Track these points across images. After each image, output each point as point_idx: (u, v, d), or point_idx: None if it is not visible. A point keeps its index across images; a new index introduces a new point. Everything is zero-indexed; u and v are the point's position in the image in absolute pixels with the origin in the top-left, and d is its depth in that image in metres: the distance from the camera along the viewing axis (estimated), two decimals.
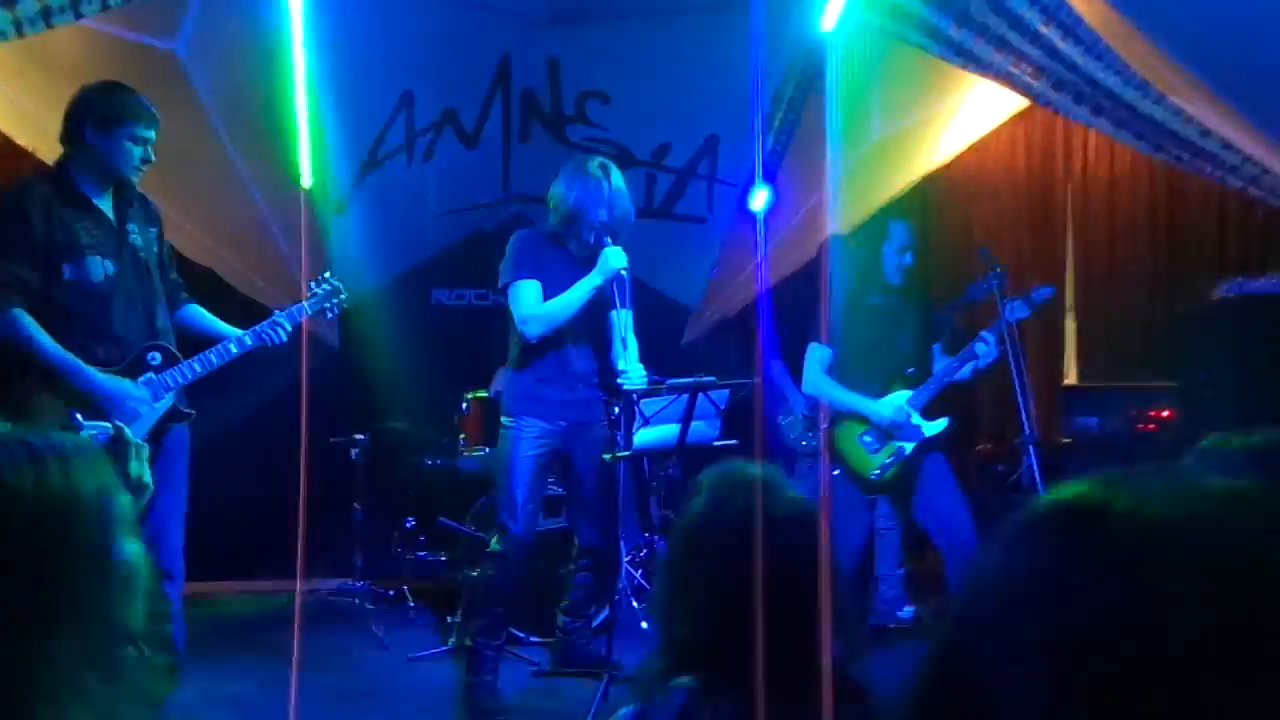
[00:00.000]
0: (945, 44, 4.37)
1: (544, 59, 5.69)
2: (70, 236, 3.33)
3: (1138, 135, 4.10)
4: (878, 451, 4.30)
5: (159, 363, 3.45)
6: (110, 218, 3.44)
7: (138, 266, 3.48)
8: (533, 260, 3.80)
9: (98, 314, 3.36)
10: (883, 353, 4.29)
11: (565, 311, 3.72)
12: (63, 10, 3.53)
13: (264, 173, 5.05)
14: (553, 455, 3.93)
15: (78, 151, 3.41)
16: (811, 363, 4.39)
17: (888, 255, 4.31)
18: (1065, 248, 6.08)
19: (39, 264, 3.29)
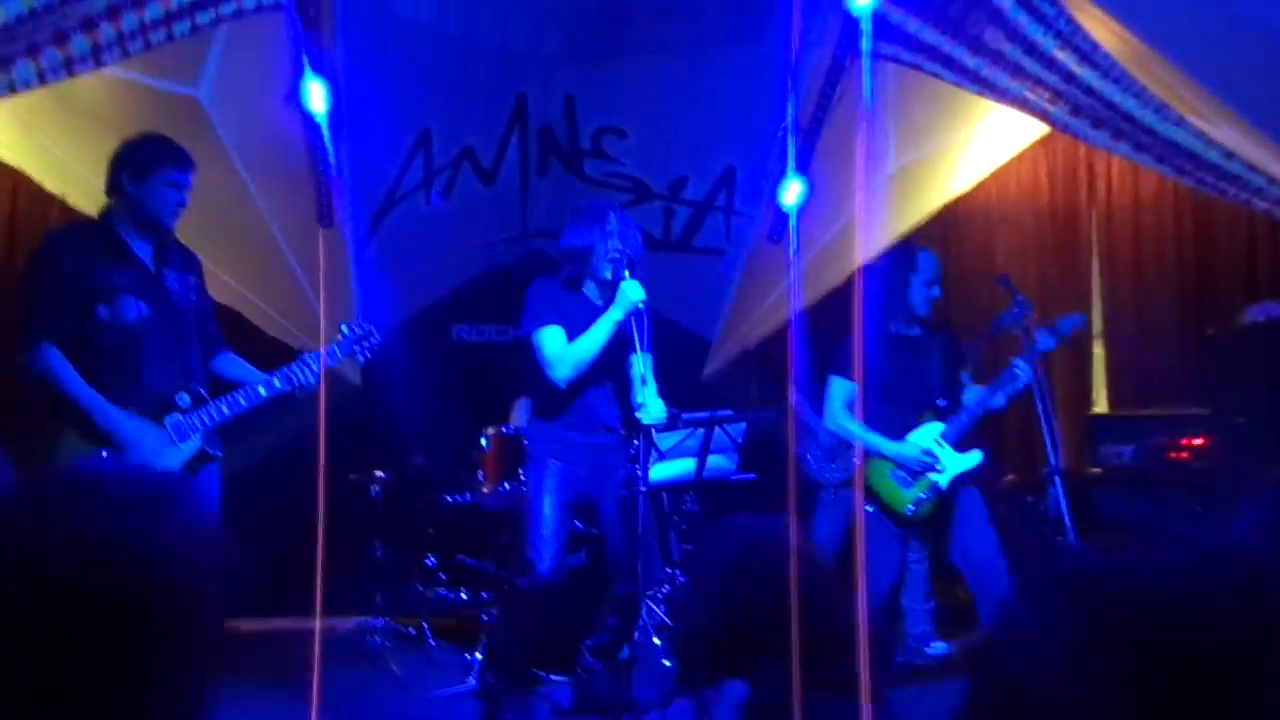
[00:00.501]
0: (960, 71, 4.35)
1: (560, 96, 5.74)
2: (106, 280, 3.41)
3: (1159, 159, 4.04)
4: (911, 487, 4.20)
5: (187, 405, 3.49)
6: (148, 264, 3.53)
7: (172, 311, 3.54)
8: (552, 307, 3.82)
9: (129, 355, 3.42)
10: (912, 385, 4.21)
11: (590, 350, 3.72)
12: (84, 59, 3.61)
13: (286, 214, 5.11)
14: (578, 498, 3.91)
15: (118, 201, 3.51)
16: (833, 398, 4.31)
17: (915, 286, 4.25)
18: (1091, 274, 5.99)
19: (74, 306, 3.36)
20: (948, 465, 4.16)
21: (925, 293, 4.26)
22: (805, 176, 5.26)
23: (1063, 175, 6.06)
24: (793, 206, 5.37)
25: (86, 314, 3.36)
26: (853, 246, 5.33)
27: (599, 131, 5.80)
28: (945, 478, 4.14)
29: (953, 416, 4.19)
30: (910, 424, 4.19)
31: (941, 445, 4.17)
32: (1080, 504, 5.03)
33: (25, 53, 3.46)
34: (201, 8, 3.88)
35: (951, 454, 4.16)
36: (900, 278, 4.27)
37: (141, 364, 3.43)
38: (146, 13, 3.71)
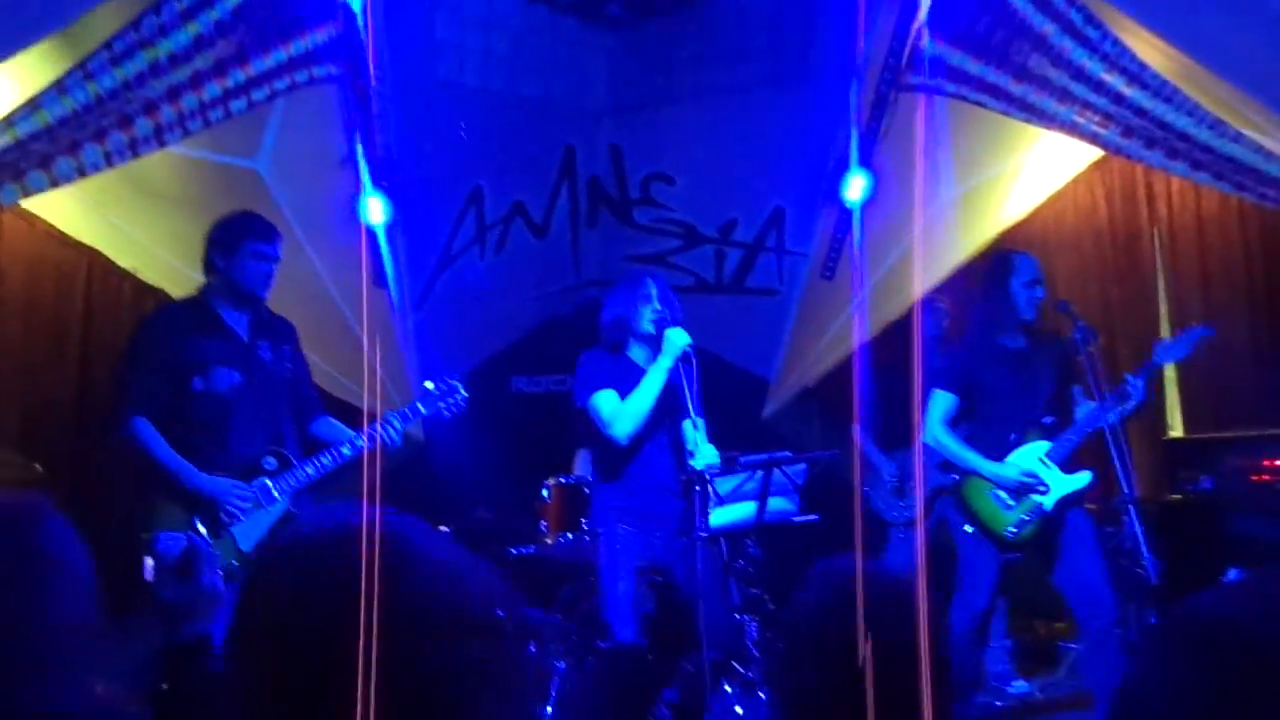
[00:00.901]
0: (1006, 99, 4.34)
1: (607, 146, 5.82)
2: (201, 353, 3.56)
3: (1217, 175, 3.96)
4: (1013, 508, 3.98)
5: (274, 467, 3.59)
6: (242, 335, 3.66)
7: (265, 379, 3.66)
8: (602, 373, 3.86)
9: (221, 421, 3.55)
10: (1019, 399, 4.00)
11: (645, 402, 3.72)
12: (148, 140, 3.79)
13: (344, 276, 5.23)
14: (651, 564, 3.88)
15: (212, 278, 3.66)
16: (933, 412, 4.08)
17: (1017, 290, 4.01)
18: (1157, 295, 5.84)
19: (170, 379, 3.51)
20: (1053, 486, 3.93)
21: (1028, 295, 4.01)
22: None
23: (1121, 197, 5.93)
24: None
25: (182, 386, 3.51)
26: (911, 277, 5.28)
27: (647, 179, 5.86)
28: (1050, 499, 3.92)
29: (1060, 434, 3.95)
30: (1015, 441, 3.99)
31: (1047, 465, 3.95)
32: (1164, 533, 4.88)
33: (92, 138, 3.64)
34: (257, 85, 4.05)
35: (1058, 474, 3.93)
36: (999, 285, 4.05)
37: (232, 430, 3.55)
38: (205, 93, 3.88)
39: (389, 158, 4.68)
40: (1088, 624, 3.87)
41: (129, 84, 3.64)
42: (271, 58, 4.06)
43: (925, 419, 4.11)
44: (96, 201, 4.80)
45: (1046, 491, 3.92)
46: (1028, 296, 4.01)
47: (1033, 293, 4.02)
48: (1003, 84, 4.23)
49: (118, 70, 3.60)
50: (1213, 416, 5.51)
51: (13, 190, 3.50)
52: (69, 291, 5.04)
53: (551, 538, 5.05)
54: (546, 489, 5.13)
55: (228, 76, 3.91)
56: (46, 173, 3.55)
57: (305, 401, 3.84)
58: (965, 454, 4.01)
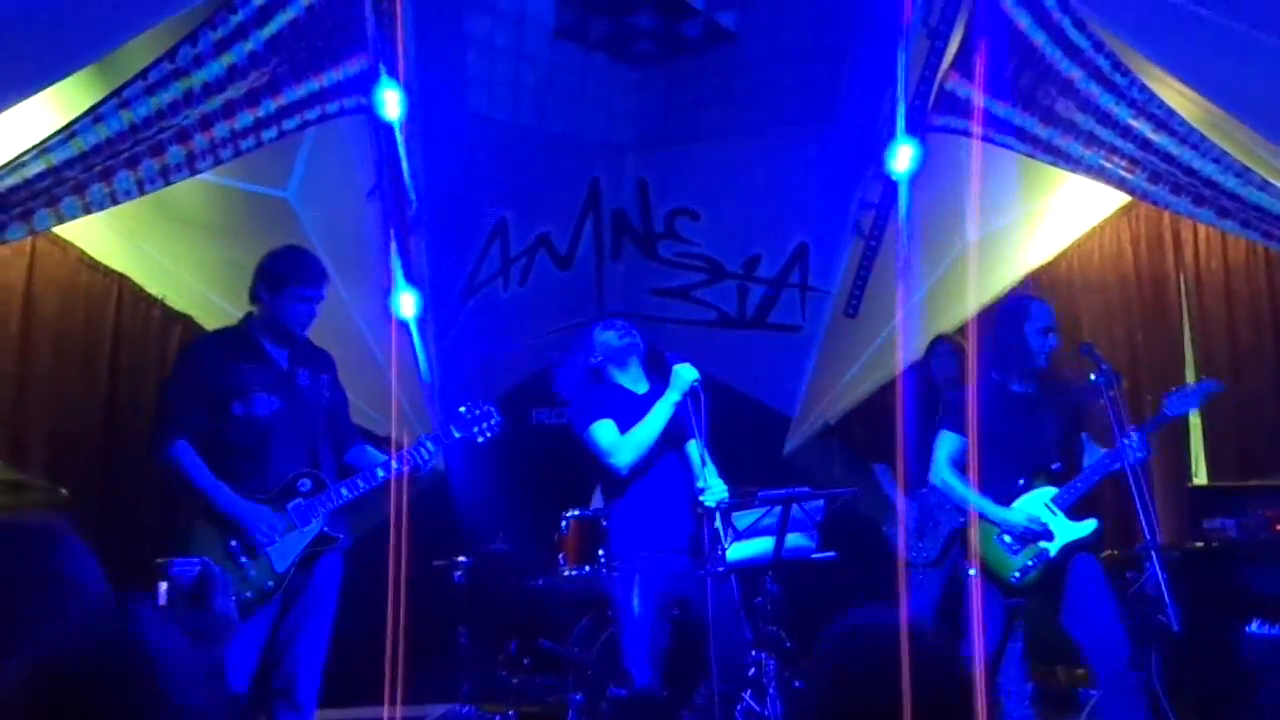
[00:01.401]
0: (1032, 142, 4.34)
1: (633, 180, 5.87)
2: (242, 379, 3.64)
3: (1244, 224, 3.93)
4: (1018, 553, 3.96)
5: (309, 489, 3.64)
6: (282, 364, 3.74)
7: (302, 406, 3.73)
8: (595, 402, 3.91)
9: (259, 445, 3.61)
10: (1024, 445, 3.98)
11: (649, 435, 3.74)
12: (179, 168, 3.83)
13: (369, 306, 5.27)
14: (670, 599, 3.86)
15: (256, 309, 3.75)
16: (940, 454, 4.09)
17: (1030, 336, 4.00)
18: (1183, 341, 5.79)
19: (210, 404, 3.59)
20: (1058, 533, 3.92)
21: (1041, 342, 4.00)
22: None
23: (1147, 242, 5.90)
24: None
25: (222, 411, 3.59)
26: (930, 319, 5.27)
27: (672, 213, 5.90)
28: (1055, 546, 3.91)
29: (1067, 481, 3.94)
30: (1021, 487, 3.98)
31: (1053, 511, 3.94)
32: (1187, 580, 4.81)
33: (126, 165, 3.69)
34: (288, 114, 4.10)
35: (1063, 521, 3.92)
36: (1014, 329, 4.04)
37: (270, 454, 3.62)
38: (237, 121, 3.93)
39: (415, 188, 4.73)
40: (1100, 668, 3.82)
41: (163, 112, 3.69)
42: (303, 88, 4.11)
43: (933, 461, 4.11)
44: (127, 229, 4.86)
45: (1051, 539, 3.90)
46: (1040, 343, 4.01)
47: (1045, 340, 4.02)
48: (1029, 127, 4.24)
49: (152, 99, 3.65)
50: (1237, 464, 5.44)
51: (46, 216, 3.55)
52: (99, 317, 5.09)
53: (570, 569, 5.05)
54: (565, 521, 5.14)
55: (260, 106, 3.96)
56: (80, 199, 3.59)
57: (342, 430, 3.91)
58: (971, 496, 3.99)
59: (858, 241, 5.45)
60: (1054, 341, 4.04)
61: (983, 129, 4.39)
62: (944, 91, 4.55)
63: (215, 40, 3.74)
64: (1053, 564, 3.92)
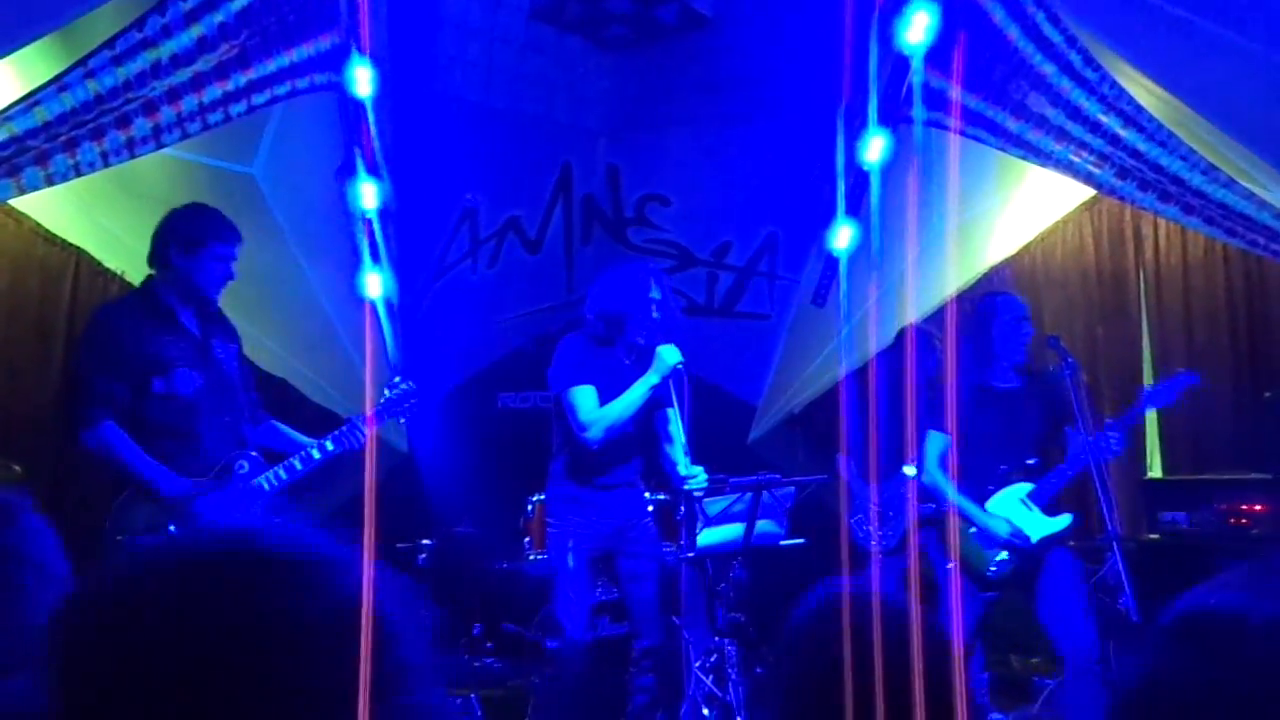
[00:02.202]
0: (1003, 136, 4.38)
1: (604, 165, 5.84)
2: (159, 350, 3.43)
3: (1208, 221, 4.01)
4: (994, 547, 4.02)
5: (248, 471, 3.50)
6: (195, 332, 3.54)
7: (222, 380, 3.56)
8: (584, 365, 3.81)
9: (187, 425, 3.43)
10: (1005, 441, 4.01)
11: (625, 414, 3.72)
12: (145, 140, 3.75)
13: (334, 285, 5.21)
14: (599, 555, 3.88)
15: (164, 271, 3.53)
16: (929, 453, 4.11)
17: (1000, 332, 4.02)
18: (1141, 336, 5.90)
19: (130, 379, 3.38)
20: (1034, 529, 3.96)
21: (1015, 333, 4.02)
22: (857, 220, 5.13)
23: (1109, 237, 6.00)
24: (844, 252, 5.24)
25: (141, 387, 3.38)
26: (898, 308, 5.31)
27: (642, 199, 5.89)
28: (1031, 541, 3.96)
29: (1043, 476, 3.98)
30: (999, 482, 4.02)
31: (1029, 506, 3.99)
32: (1139, 572, 4.90)
33: (90, 136, 3.60)
34: (258, 89, 4.03)
35: (1039, 516, 3.97)
36: (984, 328, 4.06)
37: (200, 434, 3.44)
38: (205, 95, 3.86)
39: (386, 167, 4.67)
40: (1069, 660, 3.88)
41: (129, 83, 3.61)
42: (274, 62, 4.04)
43: (924, 460, 4.14)
44: (85, 202, 4.75)
45: (1029, 545, 3.96)
46: (1015, 335, 4.03)
47: (1019, 330, 4.04)
48: (1001, 120, 4.28)
49: (119, 69, 3.57)
50: (1192, 459, 5.56)
51: (8, 186, 3.46)
52: (55, 292, 4.97)
53: (535, 553, 5.04)
54: (530, 505, 5.13)
55: (229, 80, 3.89)
56: (42, 169, 3.50)
57: (251, 403, 3.74)
58: (959, 499, 4.03)
59: (827, 230, 5.48)
60: (1028, 330, 4.05)
61: (955, 121, 4.43)
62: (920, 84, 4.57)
63: (185, 11, 3.66)
64: (1028, 558, 3.97)
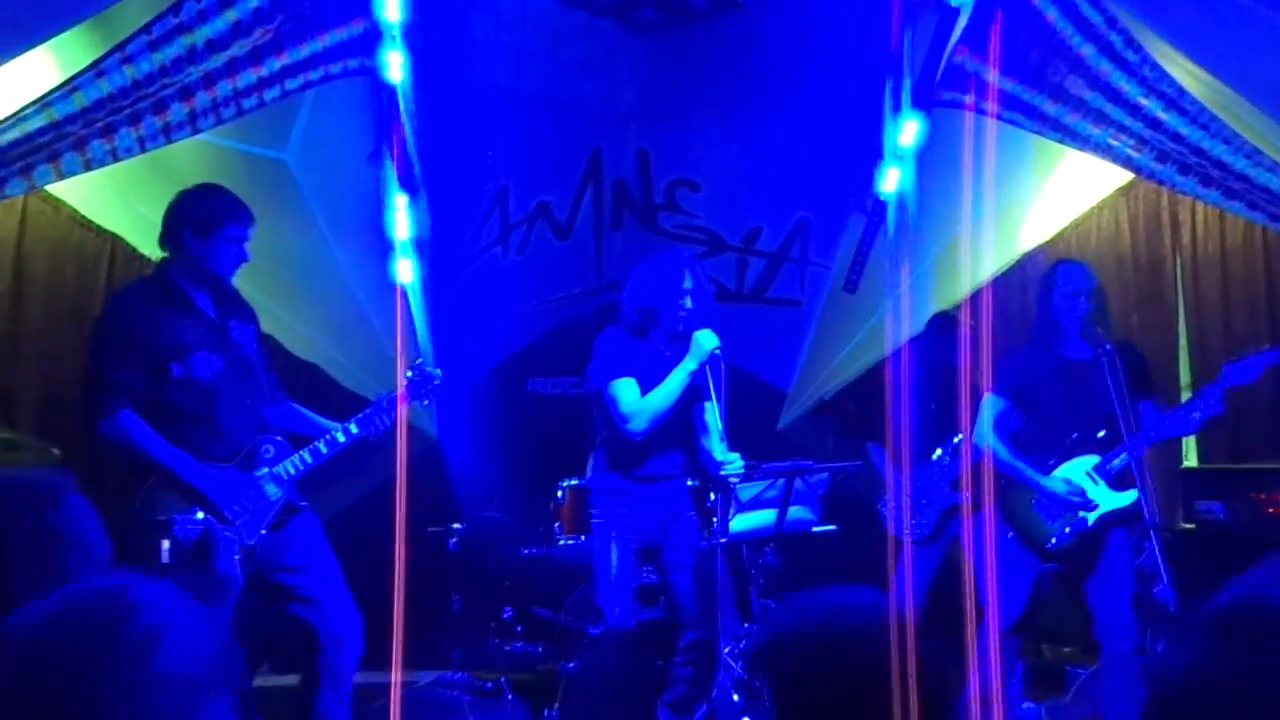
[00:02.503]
0: (1040, 120, 4.32)
1: (634, 150, 5.83)
2: (175, 336, 3.39)
3: (1250, 205, 3.94)
4: (1055, 520, 3.94)
5: (272, 455, 3.48)
6: (211, 315, 3.51)
7: (241, 362, 3.53)
8: (623, 358, 3.82)
9: (207, 410, 3.40)
10: (1071, 412, 3.95)
11: (666, 402, 3.72)
12: (181, 126, 3.77)
13: (366, 270, 5.22)
14: (644, 547, 3.89)
15: (177, 254, 3.51)
16: (984, 415, 4.06)
17: (1060, 301, 3.98)
18: (1177, 323, 5.82)
19: (146, 365, 3.35)
20: (1098, 502, 3.89)
21: (1070, 305, 3.97)
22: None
23: (1145, 222, 5.92)
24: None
25: (160, 373, 3.35)
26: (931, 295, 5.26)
27: (673, 184, 5.87)
28: (1093, 515, 3.89)
29: (1110, 450, 3.89)
30: (1065, 453, 3.96)
31: (1095, 480, 3.92)
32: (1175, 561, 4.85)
33: (127, 122, 3.62)
34: (291, 74, 4.04)
35: (1105, 490, 3.89)
36: (1047, 295, 4.03)
37: (221, 418, 3.41)
38: (240, 80, 3.87)
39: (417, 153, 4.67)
40: (1107, 647, 3.84)
41: (165, 69, 3.62)
42: (307, 47, 4.04)
43: (976, 423, 4.10)
44: (121, 188, 4.78)
45: (1091, 508, 3.90)
46: (1070, 308, 3.98)
47: (1075, 302, 3.98)
48: (1037, 104, 4.22)
49: (155, 54, 3.57)
50: (1229, 448, 5.49)
51: (48, 171, 3.48)
52: (91, 278, 5.01)
53: (565, 539, 5.06)
54: (561, 490, 5.14)
55: (263, 64, 3.89)
56: (81, 155, 3.52)
57: (271, 384, 3.70)
58: (1014, 461, 3.99)
59: (859, 216, 5.44)
60: (1085, 304, 3.98)
61: (991, 104, 4.37)
62: (952, 66, 4.51)
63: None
64: (1090, 533, 3.91)
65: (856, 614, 1.49)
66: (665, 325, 3.83)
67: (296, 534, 3.52)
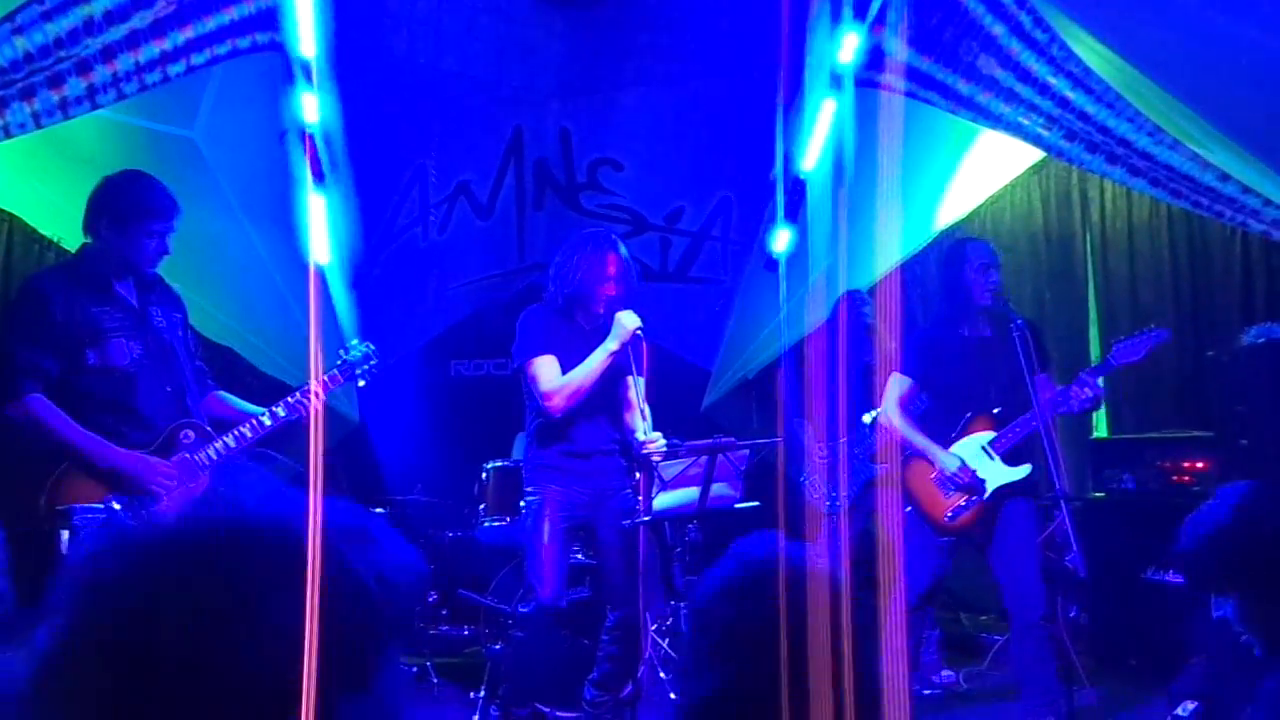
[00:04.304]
0: (954, 98, 4.39)
1: (556, 129, 5.78)
2: (92, 322, 3.29)
3: (1153, 183, 4.06)
4: (952, 493, 4.04)
5: (191, 441, 3.39)
6: (132, 302, 3.41)
7: (162, 349, 3.43)
8: (545, 336, 3.79)
9: (125, 397, 3.30)
10: (970, 388, 4.03)
11: (586, 381, 3.71)
12: (79, 101, 3.62)
13: (283, 252, 5.11)
14: (577, 524, 3.89)
15: (97, 242, 3.39)
16: (890, 393, 4.16)
17: (970, 277, 4.03)
18: (1088, 298, 6.00)
19: (60, 351, 3.25)
20: (991, 477, 3.99)
21: (983, 280, 4.03)
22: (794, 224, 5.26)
23: (1057, 200, 6.08)
24: (782, 254, 5.34)
25: (75, 359, 3.25)
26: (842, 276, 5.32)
27: (595, 164, 5.84)
28: (989, 488, 3.98)
29: (1006, 426, 3.99)
30: (962, 429, 4.05)
31: (990, 455, 4.01)
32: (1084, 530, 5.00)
33: (20, 96, 3.47)
34: (197, 49, 3.91)
35: (998, 465, 3.99)
36: (953, 272, 4.09)
37: (138, 405, 3.31)
38: (141, 54, 3.73)
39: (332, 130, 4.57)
40: (1016, 616, 3.94)
41: (61, 41, 3.48)
42: (213, 21, 3.92)
43: (884, 399, 4.19)
44: (18, 165, 4.60)
45: (982, 490, 4.00)
46: (982, 282, 4.04)
47: (986, 277, 4.05)
48: (951, 83, 4.28)
49: (49, 25, 3.44)
50: (1136, 419, 5.67)
51: None
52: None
53: (490, 521, 5.02)
54: (486, 472, 5.10)
55: (166, 38, 3.76)
56: None
57: (198, 373, 3.62)
58: (915, 435, 4.08)
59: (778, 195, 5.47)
60: (995, 278, 4.06)
61: (906, 84, 4.43)
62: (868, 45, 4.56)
63: None
64: (985, 506, 4.00)
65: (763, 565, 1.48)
66: (589, 304, 3.82)
67: None
